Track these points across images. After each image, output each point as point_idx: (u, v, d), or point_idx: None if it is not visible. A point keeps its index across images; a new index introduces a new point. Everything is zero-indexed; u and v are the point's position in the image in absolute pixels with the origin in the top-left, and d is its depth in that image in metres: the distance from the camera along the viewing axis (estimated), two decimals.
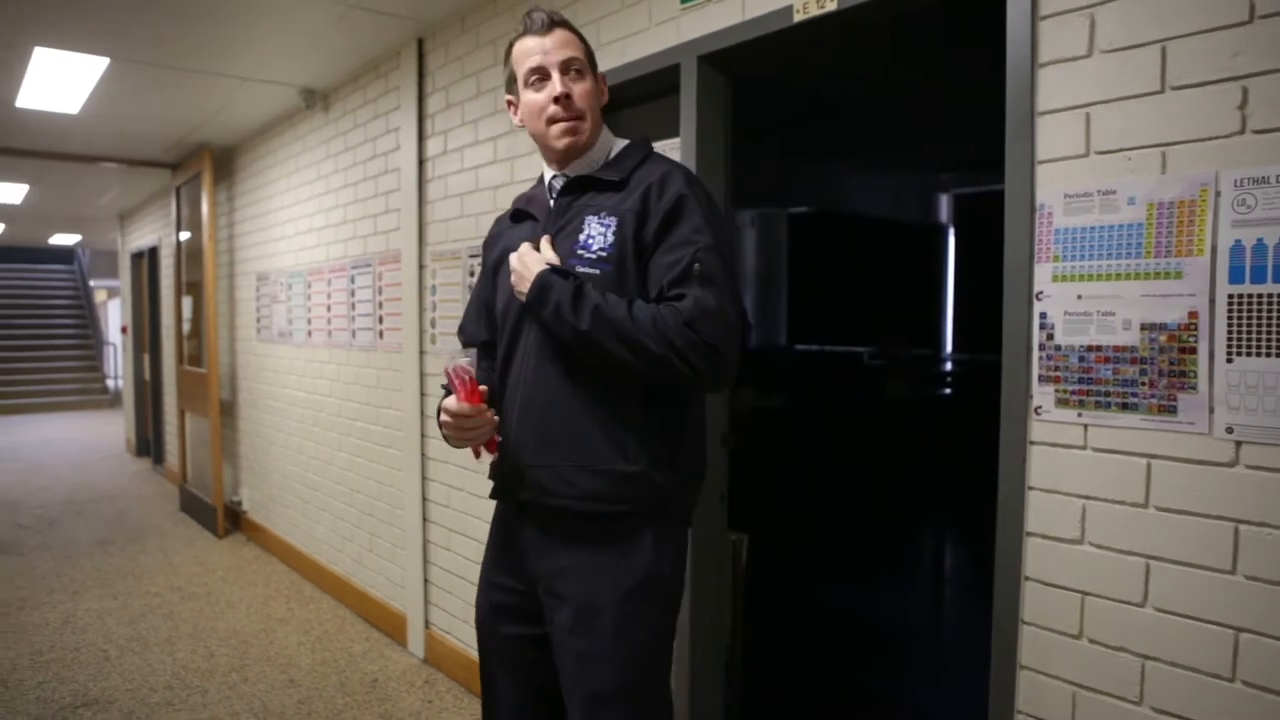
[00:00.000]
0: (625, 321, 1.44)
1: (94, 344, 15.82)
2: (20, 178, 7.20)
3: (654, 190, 1.54)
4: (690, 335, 1.43)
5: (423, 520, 3.61)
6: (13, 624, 4.07)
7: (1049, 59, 1.61)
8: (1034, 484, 1.65)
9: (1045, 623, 1.64)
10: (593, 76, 1.65)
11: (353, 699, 3.28)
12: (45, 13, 3.30)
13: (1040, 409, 1.64)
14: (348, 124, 4.18)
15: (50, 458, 9.12)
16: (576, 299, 1.47)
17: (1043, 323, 1.63)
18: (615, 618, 1.51)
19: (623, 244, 1.53)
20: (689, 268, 1.47)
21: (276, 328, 5.12)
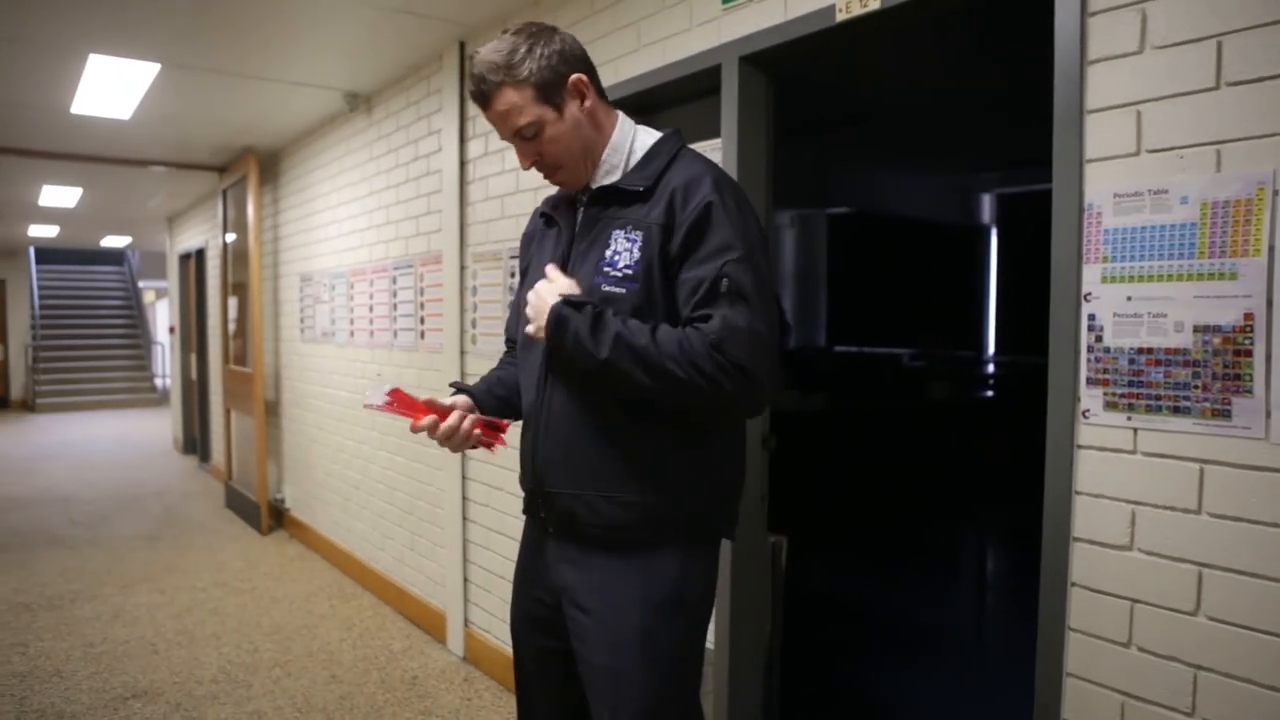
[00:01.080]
0: (649, 348, 1.36)
1: (143, 344, 16.17)
2: (74, 181, 7.38)
3: (678, 198, 1.44)
4: (718, 358, 1.34)
5: (463, 519, 3.64)
6: (66, 616, 4.17)
7: (1098, 56, 1.58)
8: (1081, 488, 1.63)
9: (1092, 630, 1.61)
10: (555, 112, 1.49)
11: (393, 695, 3.32)
12: (101, 20, 3.38)
13: (1088, 412, 1.61)
14: (390, 126, 4.23)
15: (100, 454, 9.35)
16: (595, 328, 1.38)
17: (1091, 324, 1.60)
18: (642, 634, 1.47)
19: (649, 261, 1.44)
20: (715, 284, 1.38)
21: (320, 328, 5.19)
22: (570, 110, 1.50)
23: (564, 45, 1.51)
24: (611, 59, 2.71)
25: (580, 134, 1.51)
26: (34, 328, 15.01)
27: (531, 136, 1.49)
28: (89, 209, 9.04)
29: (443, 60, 3.69)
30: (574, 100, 1.51)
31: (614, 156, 1.55)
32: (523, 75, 1.46)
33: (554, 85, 1.48)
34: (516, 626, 1.68)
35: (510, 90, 1.47)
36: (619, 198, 1.51)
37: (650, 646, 1.47)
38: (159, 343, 16.19)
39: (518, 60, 1.46)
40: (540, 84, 1.47)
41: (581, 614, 1.52)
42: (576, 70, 1.51)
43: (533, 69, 1.46)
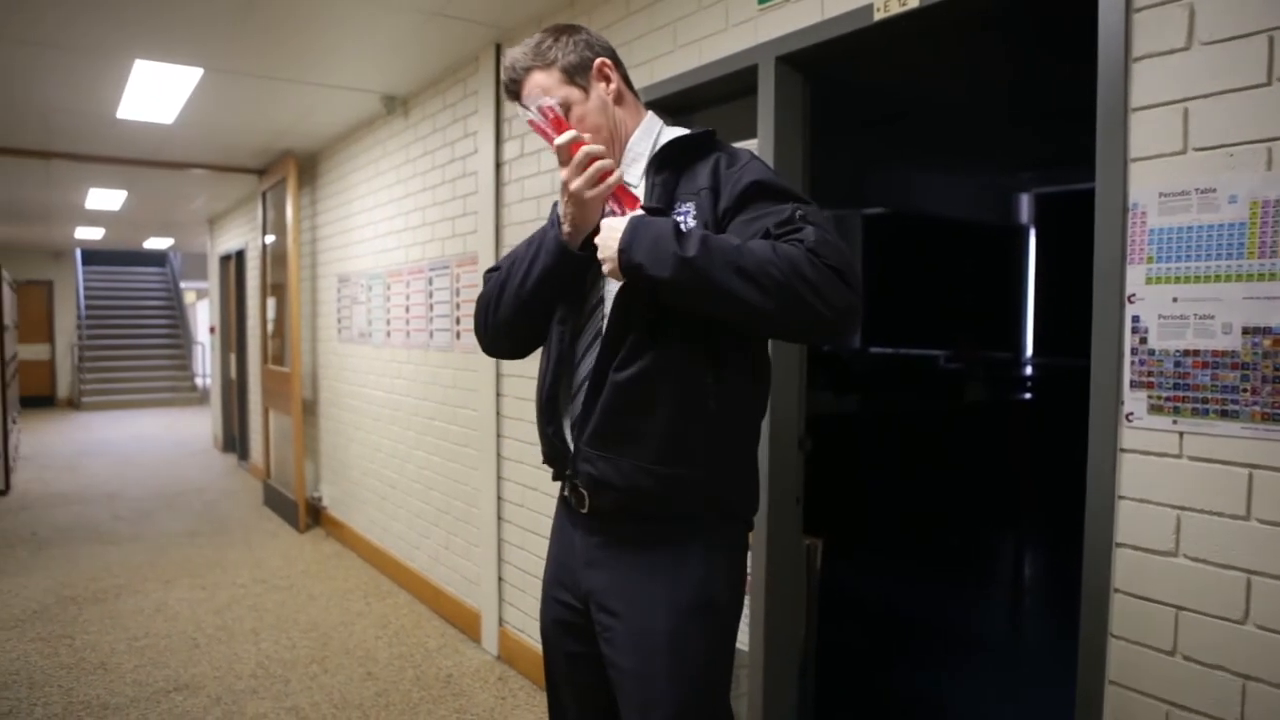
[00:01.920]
0: (741, 251, 1.26)
1: (184, 343, 16.46)
2: (119, 185, 7.54)
3: (722, 163, 1.45)
4: (818, 261, 1.25)
5: (498, 519, 3.66)
6: (111, 610, 4.26)
7: (1143, 53, 1.56)
8: (1124, 493, 1.60)
9: (1136, 637, 1.58)
10: (582, 93, 1.52)
11: (428, 693, 3.34)
12: (147, 26, 3.45)
13: (1132, 415, 1.58)
14: (427, 129, 4.27)
15: (143, 452, 9.53)
16: (679, 233, 1.30)
17: (1135, 326, 1.57)
18: (671, 636, 1.45)
19: (705, 226, 1.40)
20: (792, 216, 1.32)
21: (356, 328, 5.25)
22: (596, 91, 1.55)
23: (589, 36, 1.58)
24: (648, 60, 2.71)
25: (607, 114, 1.55)
26: (80, 327, 15.35)
27: (557, 119, 1.52)
28: (133, 211, 9.22)
29: (479, 62, 3.71)
30: (600, 82, 1.55)
31: (639, 145, 1.57)
32: (550, 59, 1.53)
33: (580, 68, 1.54)
34: (546, 630, 1.67)
35: (538, 73, 1.53)
36: (665, 162, 1.50)
37: (680, 649, 1.46)
38: (199, 342, 16.47)
39: (544, 49, 1.54)
40: (566, 66, 1.53)
41: (609, 617, 1.51)
42: (601, 56, 1.57)
43: (558, 54, 1.53)
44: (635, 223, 1.34)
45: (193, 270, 17.14)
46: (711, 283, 1.26)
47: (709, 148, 1.52)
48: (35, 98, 4.50)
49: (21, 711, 3.18)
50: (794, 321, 1.28)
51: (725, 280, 1.25)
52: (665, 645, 1.46)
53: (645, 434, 1.42)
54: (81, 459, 9.02)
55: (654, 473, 1.43)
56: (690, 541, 1.48)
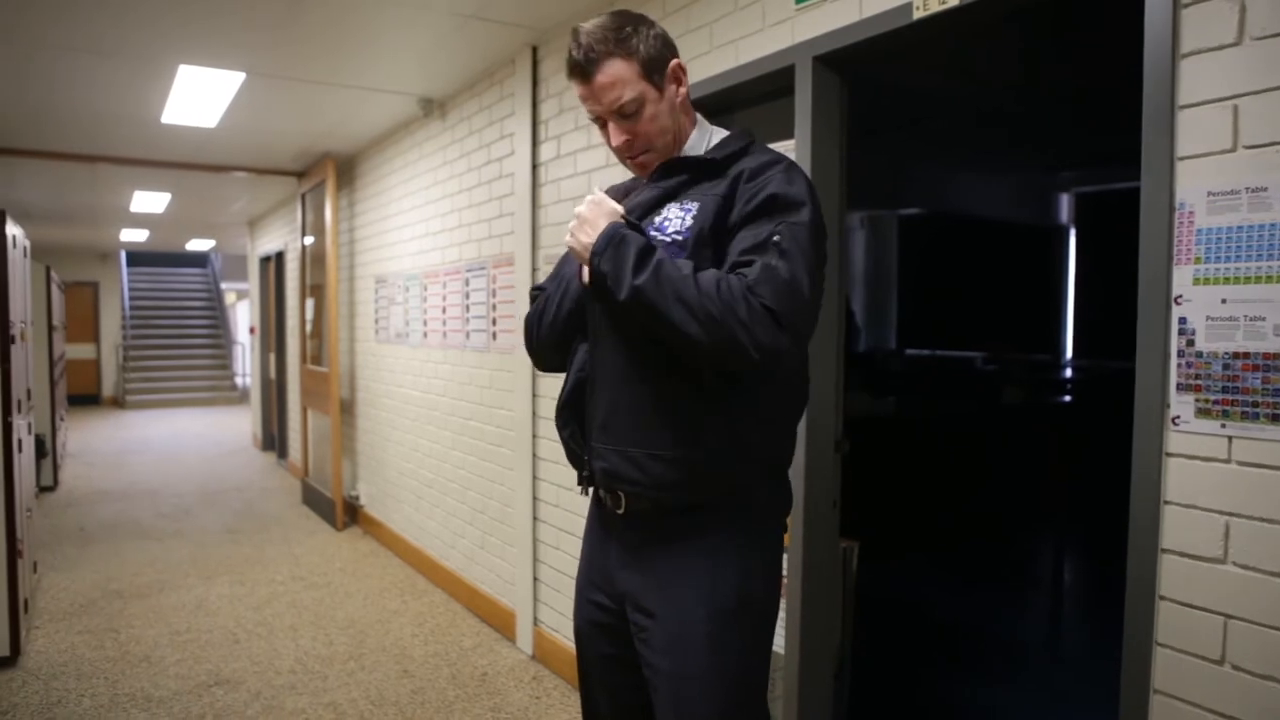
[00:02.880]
0: (687, 281, 1.31)
1: (224, 343, 16.74)
2: (163, 187, 7.69)
3: (745, 176, 1.44)
4: (753, 300, 1.29)
5: (533, 519, 3.68)
6: (154, 605, 4.34)
7: (1192, 49, 1.53)
8: (1170, 498, 1.57)
9: (1182, 646, 1.55)
10: (657, 91, 1.50)
11: (463, 691, 3.37)
12: (191, 32, 3.51)
13: (1178, 419, 1.55)
14: (463, 130, 4.30)
15: (184, 450, 9.70)
16: (642, 254, 1.35)
17: (1182, 328, 1.54)
18: (707, 637, 1.44)
19: (701, 229, 1.42)
20: (767, 239, 1.35)
21: (394, 329, 5.30)
22: (669, 92, 1.52)
23: (664, 31, 1.54)
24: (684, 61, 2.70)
25: (675, 118, 1.53)
26: (124, 328, 15.68)
27: (631, 114, 1.49)
28: (176, 213, 9.40)
29: (515, 64, 3.74)
30: (673, 84, 1.53)
31: (698, 146, 1.57)
32: (632, 48, 1.47)
33: (659, 65, 1.50)
34: (580, 631, 1.67)
35: (619, 61, 1.46)
36: (685, 168, 1.51)
37: (717, 650, 1.45)
38: (239, 343, 16.75)
39: (627, 35, 1.47)
40: (647, 60, 1.48)
41: (645, 618, 1.51)
42: (675, 56, 1.54)
43: (640, 45, 1.48)
44: (611, 231, 1.39)
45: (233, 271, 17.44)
46: (655, 309, 1.33)
47: (738, 155, 1.50)
48: (83, 103, 4.60)
49: (70, 701, 3.25)
50: (722, 355, 1.32)
51: (667, 308, 1.31)
52: (702, 646, 1.45)
53: (653, 424, 1.43)
54: (125, 456, 9.20)
55: (663, 457, 1.43)
56: (725, 541, 1.48)
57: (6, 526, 3.52)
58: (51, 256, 12.74)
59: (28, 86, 4.27)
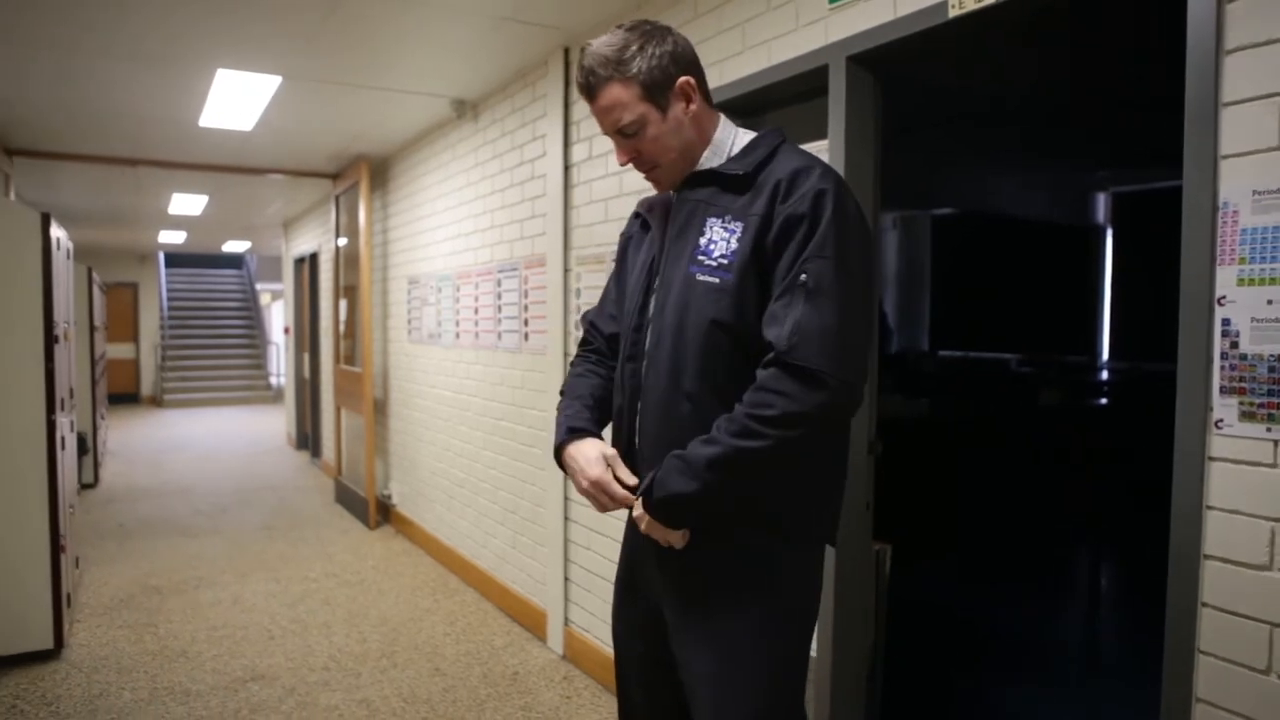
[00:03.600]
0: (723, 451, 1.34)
1: (259, 343, 16.97)
2: (201, 189, 7.81)
3: (781, 189, 1.40)
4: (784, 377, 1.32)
5: (564, 519, 3.69)
6: (192, 601, 4.41)
7: (1236, 45, 1.50)
8: (1213, 503, 1.54)
9: (1225, 654, 1.52)
10: (659, 112, 1.48)
11: (495, 690, 3.38)
12: (230, 37, 3.56)
13: (1222, 422, 1.52)
14: (496, 132, 4.33)
15: (220, 449, 9.84)
16: (670, 481, 1.39)
17: (1225, 330, 1.52)
18: (746, 640, 1.44)
19: (745, 253, 1.41)
20: (794, 279, 1.35)
21: (426, 329, 5.35)
22: (674, 112, 1.49)
23: (675, 46, 1.50)
24: (716, 61, 2.71)
25: (681, 136, 1.51)
26: (162, 328, 15.95)
27: (632, 134, 1.49)
28: (214, 215, 9.54)
29: (547, 66, 3.75)
30: (679, 102, 1.50)
31: (714, 159, 1.53)
32: (631, 72, 1.46)
33: (661, 86, 1.48)
34: (618, 632, 1.68)
35: (617, 86, 1.46)
36: (715, 180, 1.50)
37: (755, 654, 1.45)
38: (274, 343, 16.96)
39: (628, 56, 1.46)
40: (648, 83, 1.47)
41: (682, 619, 1.50)
42: (686, 73, 1.50)
43: (642, 67, 1.46)
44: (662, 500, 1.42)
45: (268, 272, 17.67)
46: (722, 492, 1.38)
47: (766, 161, 1.47)
48: (124, 108, 4.69)
49: (111, 694, 3.31)
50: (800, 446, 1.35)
51: (739, 489, 1.38)
52: (738, 648, 1.45)
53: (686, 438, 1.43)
54: (163, 455, 9.36)
55: None
56: (764, 542, 1.47)
57: (50, 522, 3.60)
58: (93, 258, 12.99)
59: (71, 91, 4.36)
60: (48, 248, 3.58)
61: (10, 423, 3.51)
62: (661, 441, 1.47)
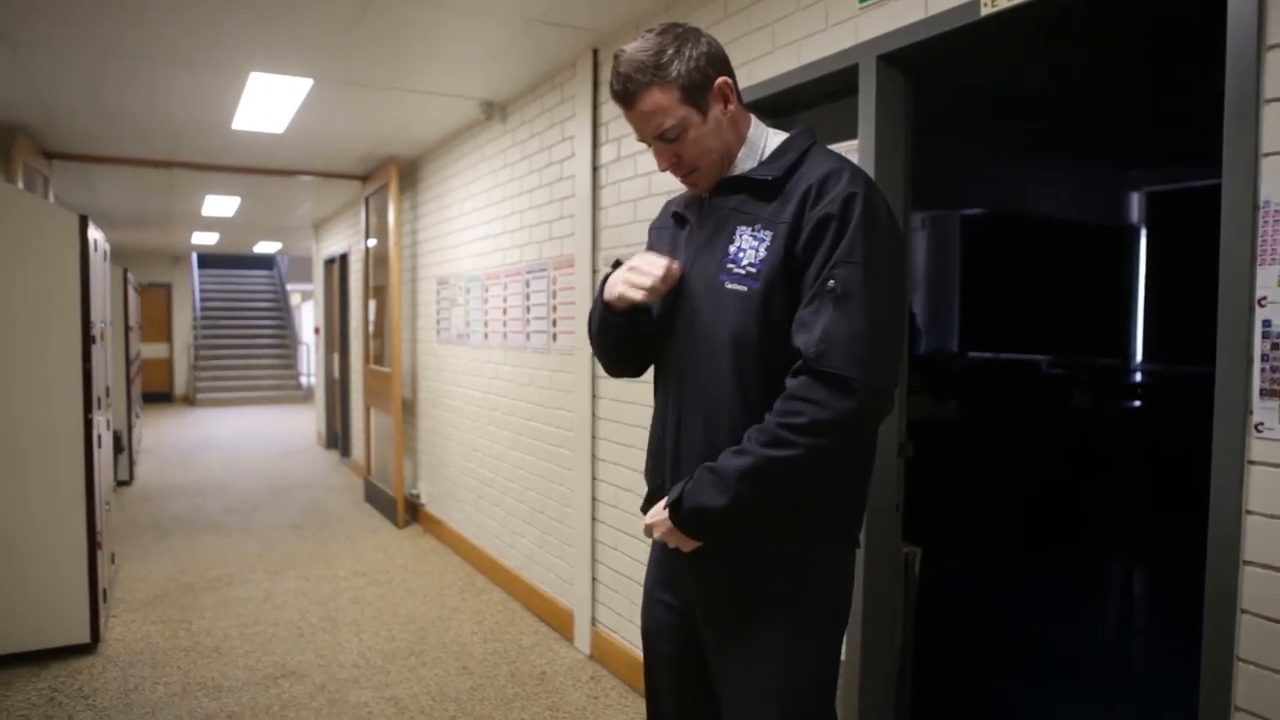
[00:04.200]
0: (755, 461, 1.34)
1: (289, 343, 17.16)
2: (233, 191, 7.91)
3: (810, 196, 1.39)
4: (814, 385, 1.31)
5: (592, 520, 3.70)
6: (224, 597, 4.46)
7: (1278, 40, 1.47)
8: (1252, 508, 1.51)
9: (1266, 661, 1.49)
10: (700, 115, 1.47)
11: (522, 689, 3.40)
12: (263, 41, 3.61)
13: (1262, 425, 1.50)
14: (524, 134, 4.34)
15: (251, 447, 9.96)
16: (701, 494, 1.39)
17: (1266, 331, 1.49)
18: (778, 642, 1.44)
19: (775, 261, 1.40)
20: (823, 285, 1.34)
21: (455, 330, 5.38)
22: (714, 113, 1.48)
23: (710, 48, 1.49)
24: (745, 61, 2.70)
25: (720, 137, 1.50)
26: (195, 328, 16.17)
27: (674, 138, 1.48)
28: (246, 217, 9.67)
29: (576, 67, 3.76)
30: (718, 103, 1.49)
31: (747, 160, 1.52)
32: (670, 76, 1.45)
33: (700, 88, 1.46)
34: (648, 632, 1.67)
35: (657, 91, 1.45)
36: (746, 187, 1.49)
37: (787, 656, 1.44)
38: (304, 343, 17.13)
39: (665, 61, 1.45)
40: (687, 86, 1.45)
41: (715, 622, 1.50)
42: (722, 74, 1.50)
43: (680, 70, 1.45)
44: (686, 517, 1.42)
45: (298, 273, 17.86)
46: (753, 503, 1.37)
47: (797, 164, 1.46)
48: (160, 111, 4.76)
49: (145, 688, 3.36)
50: (831, 453, 1.35)
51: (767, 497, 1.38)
52: (771, 651, 1.44)
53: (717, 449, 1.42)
54: (196, 453, 9.49)
55: None
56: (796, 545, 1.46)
57: (87, 519, 3.66)
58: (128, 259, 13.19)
59: (108, 96, 4.43)
60: (85, 249, 3.64)
61: (49, 421, 3.58)
62: (694, 453, 1.47)
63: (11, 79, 4.12)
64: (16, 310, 3.50)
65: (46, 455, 3.58)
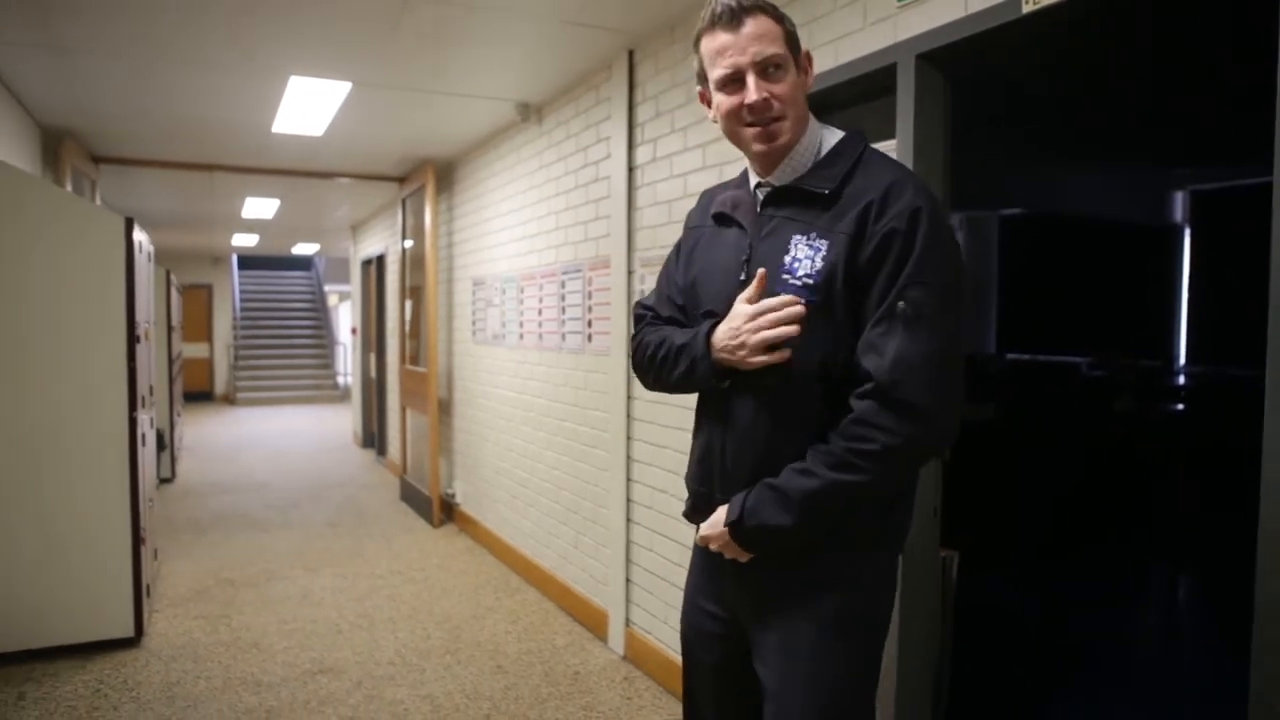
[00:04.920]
0: (821, 483, 1.33)
1: (327, 344, 17.37)
2: (273, 194, 8.03)
3: (874, 209, 1.35)
4: (881, 413, 1.29)
5: (626, 521, 3.70)
6: (263, 594, 4.53)
7: None
8: None
9: None
10: (795, 65, 1.44)
11: (556, 689, 3.41)
12: (302, 44, 3.66)
13: None
14: (560, 135, 4.36)
15: (289, 446, 10.10)
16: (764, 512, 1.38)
17: None
18: (820, 652, 1.43)
19: (832, 272, 1.36)
20: (892, 306, 1.31)
21: (490, 330, 5.41)
22: (802, 78, 1.48)
23: None
24: None
25: (800, 102, 1.47)
26: (235, 328, 16.43)
27: (773, 73, 1.42)
28: (285, 218, 9.80)
29: (611, 69, 3.77)
30: (804, 70, 1.49)
31: (804, 155, 1.48)
32: (781, 16, 1.45)
33: (797, 44, 1.47)
34: (687, 638, 1.66)
35: (770, 20, 1.43)
36: (800, 198, 1.44)
37: (832, 663, 1.43)
38: (341, 343, 17.34)
39: (774, 7, 1.46)
40: (792, 33, 1.46)
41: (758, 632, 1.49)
42: None
43: (789, 21, 1.47)
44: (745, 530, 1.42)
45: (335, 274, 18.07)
46: (815, 524, 1.37)
47: (851, 173, 1.42)
48: (202, 115, 4.85)
49: (188, 682, 3.42)
50: (897, 479, 1.39)
51: (814, 513, 1.36)
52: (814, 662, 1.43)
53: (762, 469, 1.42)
54: (236, 451, 9.64)
55: None
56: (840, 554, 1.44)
57: (131, 515, 3.73)
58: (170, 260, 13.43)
59: (152, 101, 4.52)
60: (130, 251, 3.71)
61: (96, 419, 3.65)
62: (747, 466, 1.45)
63: (61, 85, 4.22)
64: (66, 310, 3.58)
65: (93, 453, 3.66)
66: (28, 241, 3.52)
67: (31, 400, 3.55)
